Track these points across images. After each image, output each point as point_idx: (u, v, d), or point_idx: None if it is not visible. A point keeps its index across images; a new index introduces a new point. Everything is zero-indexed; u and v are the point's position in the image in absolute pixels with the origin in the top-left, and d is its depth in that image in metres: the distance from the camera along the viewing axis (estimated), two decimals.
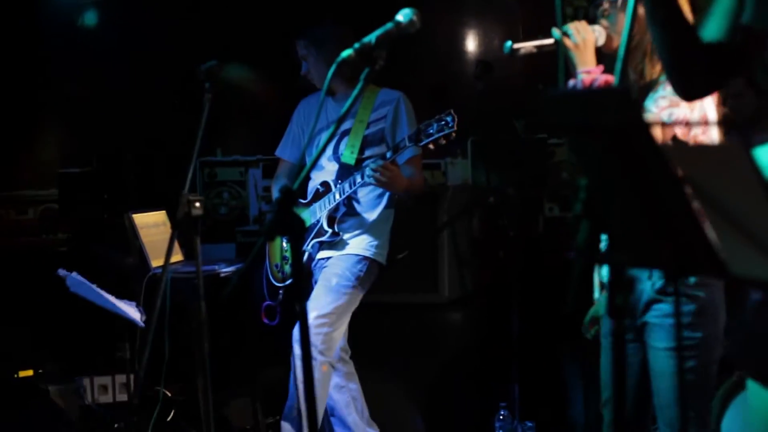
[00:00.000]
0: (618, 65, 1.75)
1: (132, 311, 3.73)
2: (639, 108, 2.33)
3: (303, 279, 3.60)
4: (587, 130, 1.45)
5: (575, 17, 4.94)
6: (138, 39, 5.40)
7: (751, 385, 1.98)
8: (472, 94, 4.46)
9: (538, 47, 2.74)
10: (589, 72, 2.66)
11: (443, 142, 3.59)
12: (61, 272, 3.70)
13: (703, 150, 1.63)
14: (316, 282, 3.96)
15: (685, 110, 2.55)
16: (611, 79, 2.56)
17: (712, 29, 2.01)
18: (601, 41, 2.73)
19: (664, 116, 2.57)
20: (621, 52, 1.79)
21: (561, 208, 5.21)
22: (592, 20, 2.76)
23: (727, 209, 1.40)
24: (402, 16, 2.27)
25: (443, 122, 3.55)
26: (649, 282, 2.64)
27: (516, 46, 2.73)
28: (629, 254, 1.60)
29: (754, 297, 1.88)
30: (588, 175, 1.58)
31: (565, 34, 2.69)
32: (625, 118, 1.38)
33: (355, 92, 2.09)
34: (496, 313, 4.53)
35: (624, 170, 1.46)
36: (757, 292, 1.86)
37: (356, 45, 2.19)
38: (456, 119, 3.53)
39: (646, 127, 1.39)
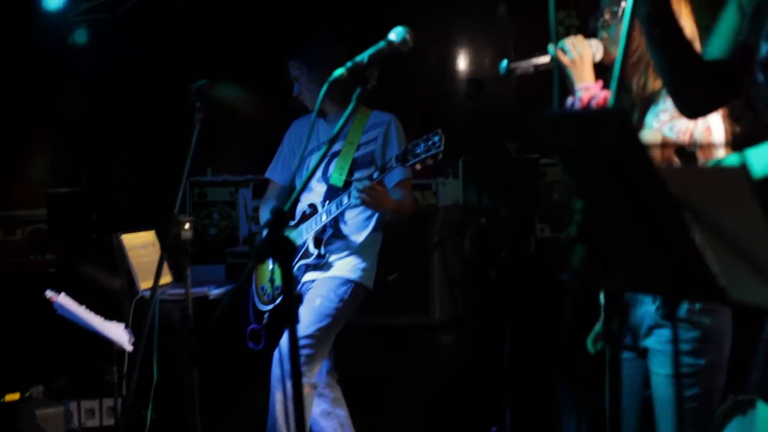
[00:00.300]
0: (613, 85, 1.71)
1: (120, 333, 3.68)
2: (636, 130, 2.30)
3: (293, 303, 3.56)
4: (583, 151, 1.42)
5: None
6: (129, 58, 5.39)
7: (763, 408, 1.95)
8: (463, 114, 4.45)
9: (535, 66, 2.65)
10: (587, 88, 2.59)
11: (430, 162, 3.55)
12: (49, 293, 3.66)
13: (701, 172, 1.60)
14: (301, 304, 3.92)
15: (688, 122, 2.47)
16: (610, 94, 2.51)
17: (716, 47, 2.00)
18: (599, 56, 2.65)
19: (666, 130, 2.51)
20: (615, 72, 1.74)
21: (552, 228, 5.19)
22: (592, 33, 2.69)
23: (726, 233, 1.37)
24: (395, 34, 2.24)
25: (430, 142, 3.51)
26: (653, 306, 2.59)
27: (512, 65, 2.64)
28: (625, 278, 1.57)
29: None
30: (583, 197, 1.55)
31: (562, 49, 2.62)
32: (622, 140, 1.35)
33: (348, 111, 2.06)
34: (488, 335, 4.49)
35: (621, 193, 1.43)
36: None
37: (348, 64, 2.16)
38: (443, 139, 3.48)
39: (644, 149, 1.36)
